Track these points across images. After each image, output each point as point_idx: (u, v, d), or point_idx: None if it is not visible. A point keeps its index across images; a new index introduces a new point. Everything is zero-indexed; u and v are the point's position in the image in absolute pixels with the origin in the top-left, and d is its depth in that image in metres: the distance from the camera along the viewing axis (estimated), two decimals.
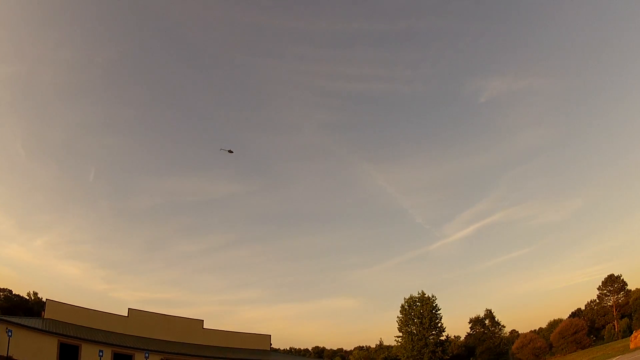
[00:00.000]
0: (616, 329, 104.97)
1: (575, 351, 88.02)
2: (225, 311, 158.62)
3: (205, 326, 54.74)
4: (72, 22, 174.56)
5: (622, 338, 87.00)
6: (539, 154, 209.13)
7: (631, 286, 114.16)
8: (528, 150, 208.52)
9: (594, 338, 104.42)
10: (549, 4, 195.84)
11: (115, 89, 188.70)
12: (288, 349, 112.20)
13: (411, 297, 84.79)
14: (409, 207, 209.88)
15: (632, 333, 51.80)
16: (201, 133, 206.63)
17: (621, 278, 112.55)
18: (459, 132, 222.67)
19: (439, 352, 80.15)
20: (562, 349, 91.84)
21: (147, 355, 38.81)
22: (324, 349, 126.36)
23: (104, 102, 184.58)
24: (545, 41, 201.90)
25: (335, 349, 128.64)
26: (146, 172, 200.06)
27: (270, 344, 66.47)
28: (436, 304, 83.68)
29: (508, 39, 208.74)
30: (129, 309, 48.61)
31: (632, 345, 42.00)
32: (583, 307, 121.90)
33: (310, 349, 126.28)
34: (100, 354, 34.94)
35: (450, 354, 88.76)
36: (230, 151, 69.51)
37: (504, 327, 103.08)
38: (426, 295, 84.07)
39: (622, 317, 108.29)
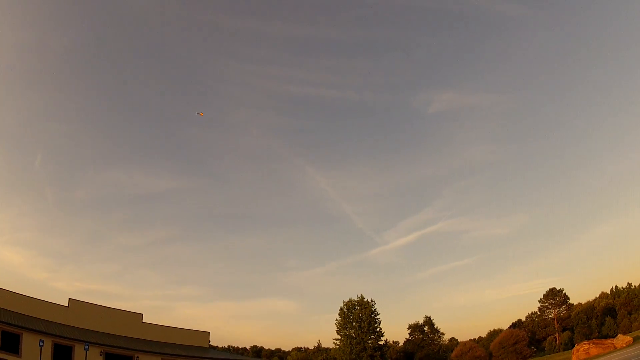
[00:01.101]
0: (557, 342, 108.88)
1: None
2: (164, 306, 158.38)
3: (144, 320, 55.19)
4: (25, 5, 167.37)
5: (564, 351, 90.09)
6: (485, 169, 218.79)
7: (573, 300, 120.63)
8: (475, 164, 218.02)
9: (535, 349, 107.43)
10: (503, 23, 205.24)
11: (64, 77, 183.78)
12: (226, 347, 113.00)
13: (350, 301, 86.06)
14: (351, 212, 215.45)
15: (574, 346, 55.13)
16: (147, 126, 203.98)
17: (563, 292, 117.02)
18: (406, 141, 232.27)
19: (378, 356, 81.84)
20: (502, 359, 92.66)
21: (87, 347, 39.24)
22: (262, 348, 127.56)
23: (51, 90, 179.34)
24: (497, 59, 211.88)
25: (273, 349, 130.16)
26: (92, 163, 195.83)
27: (209, 342, 67.35)
28: (375, 309, 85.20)
29: (462, 54, 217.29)
30: (69, 299, 48.42)
31: (574, 358, 44.32)
32: (524, 319, 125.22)
33: (248, 347, 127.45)
34: (41, 343, 35.25)
35: (388, 359, 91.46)
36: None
37: (444, 334, 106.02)
38: (365, 300, 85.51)
39: (564, 330, 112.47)
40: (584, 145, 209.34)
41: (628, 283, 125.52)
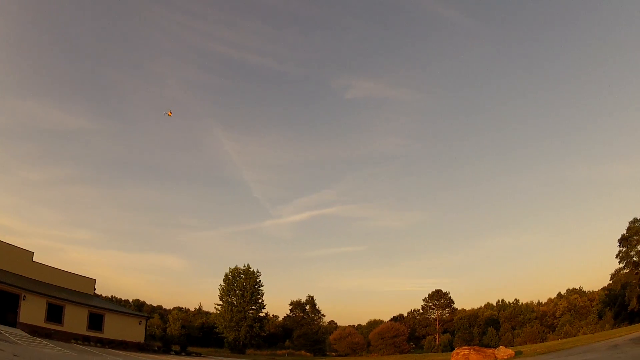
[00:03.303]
0: (437, 342, 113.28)
1: (393, 354, 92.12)
2: (55, 248, 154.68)
3: (34, 259, 55.59)
4: None
5: (442, 352, 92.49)
6: (392, 161, 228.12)
7: (458, 305, 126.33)
8: (383, 154, 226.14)
9: (414, 346, 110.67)
10: (438, 24, 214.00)
11: None
12: (110, 297, 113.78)
13: (236, 268, 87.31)
14: (250, 180, 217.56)
15: (453, 349, 52.83)
16: (68, 63, 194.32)
17: (449, 295, 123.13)
18: (319, 120, 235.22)
19: (257, 327, 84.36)
20: (380, 349, 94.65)
21: None
22: (144, 303, 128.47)
23: None
24: (425, 58, 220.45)
25: (155, 305, 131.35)
26: (5, 89, 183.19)
27: (94, 289, 68.82)
28: (260, 280, 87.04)
29: (391, 47, 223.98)
30: None
31: None
32: (405, 314, 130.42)
33: (131, 300, 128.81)
34: None
35: (267, 332, 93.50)
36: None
37: (324, 316, 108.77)
38: (251, 270, 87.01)
39: (445, 332, 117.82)
40: (497, 157, 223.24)
41: (515, 299, 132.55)
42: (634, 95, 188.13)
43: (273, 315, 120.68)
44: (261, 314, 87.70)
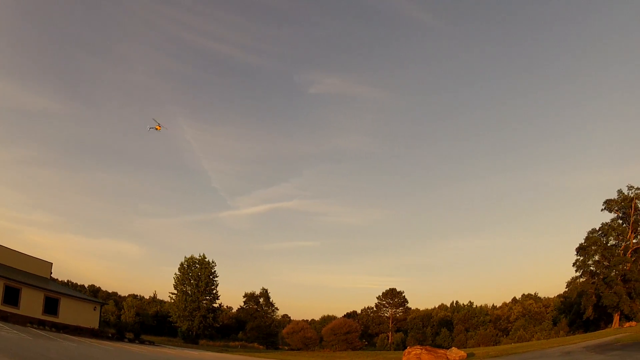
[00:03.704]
0: (389, 340, 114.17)
1: (345, 350, 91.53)
2: (13, 229, 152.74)
3: None
4: None
5: (395, 350, 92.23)
6: (353, 158, 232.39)
7: (411, 305, 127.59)
8: (344, 151, 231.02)
9: (366, 343, 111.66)
10: (409, 27, 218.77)
11: None
12: (66, 281, 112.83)
13: (192, 258, 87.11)
14: (210, 170, 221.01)
15: (405, 348, 50.96)
16: (34, 41, 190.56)
17: (403, 294, 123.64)
18: (281, 114, 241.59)
19: (210, 318, 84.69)
20: (333, 345, 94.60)
21: None
22: (99, 289, 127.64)
23: None
24: (391, 58, 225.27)
25: (110, 291, 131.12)
26: None
27: (51, 273, 68.76)
28: (215, 270, 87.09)
29: (357, 45, 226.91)
30: None
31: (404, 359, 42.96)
32: (359, 311, 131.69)
33: (86, 286, 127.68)
34: None
35: (220, 323, 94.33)
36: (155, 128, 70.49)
37: (278, 309, 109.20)
38: (207, 260, 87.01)
39: (398, 330, 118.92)
40: (457, 161, 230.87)
41: (470, 301, 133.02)
42: (590, 104, 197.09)
43: (227, 306, 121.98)
44: (215, 305, 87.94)
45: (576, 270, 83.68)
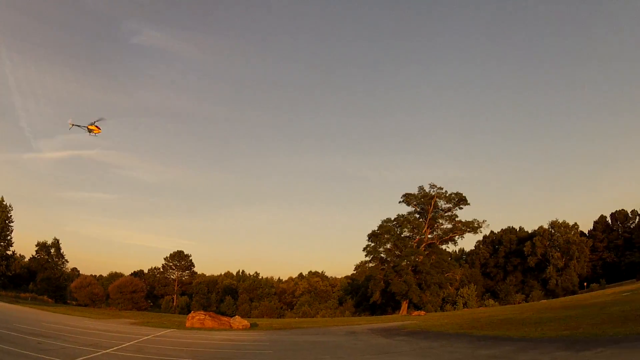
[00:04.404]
0: (174, 303, 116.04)
1: (131, 309, 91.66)
2: None
3: None
4: None
5: (179, 314, 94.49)
6: (167, 116, 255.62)
7: (198, 270, 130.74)
8: (158, 107, 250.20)
9: (151, 304, 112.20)
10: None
11: None
12: None
13: None
14: (20, 108, 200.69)
15: (190, 312, 53.61)
16: None
17: (190, 258, 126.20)
18: (102, 61, 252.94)
19: (4, 266, 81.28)
20: (119, 304, 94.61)
21: None
22: None
23: None
24: (227, 19, 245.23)
25: None
26: None
27: None
28: (11, 215, 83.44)
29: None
30: None
31: (187, 324, 44.50)
32: (146, 271, 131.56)
33: None
34: None
35: (13, 272, 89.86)
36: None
37: (67, 262, 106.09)
38: (4, 203, 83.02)
39: (183, 294, 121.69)
40: (273, 133, 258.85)
41: (256, 272, 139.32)
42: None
43: (20, 254, 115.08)
44: (9, 252, 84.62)
45: (366, 255, 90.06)
